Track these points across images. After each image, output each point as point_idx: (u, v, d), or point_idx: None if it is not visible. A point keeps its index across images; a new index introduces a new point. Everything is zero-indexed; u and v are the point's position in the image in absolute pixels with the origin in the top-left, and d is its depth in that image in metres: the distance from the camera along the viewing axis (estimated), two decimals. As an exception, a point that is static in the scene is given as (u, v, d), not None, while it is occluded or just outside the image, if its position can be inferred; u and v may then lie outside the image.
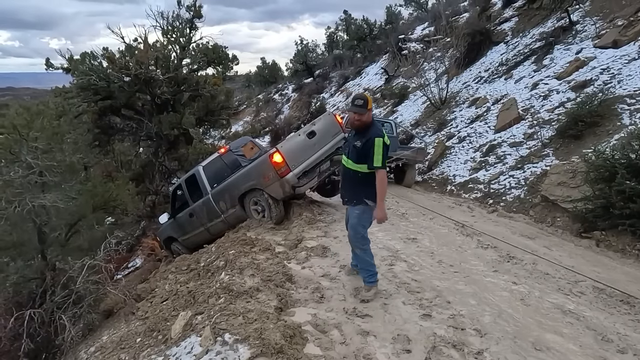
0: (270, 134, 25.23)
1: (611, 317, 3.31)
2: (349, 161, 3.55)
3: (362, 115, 3.41)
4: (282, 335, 2.76)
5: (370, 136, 3.41)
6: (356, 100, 3.43)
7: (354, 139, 3.53)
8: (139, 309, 5.28)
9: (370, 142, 3.38)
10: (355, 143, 3.47)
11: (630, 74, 8.39)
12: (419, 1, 29.91)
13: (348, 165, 3.57)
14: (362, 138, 3.43)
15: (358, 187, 3.54)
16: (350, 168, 3.54)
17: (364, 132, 3.46)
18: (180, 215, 7.82)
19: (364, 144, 3.41)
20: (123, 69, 9.88)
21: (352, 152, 3.51)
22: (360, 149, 3.43)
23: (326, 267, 4.39)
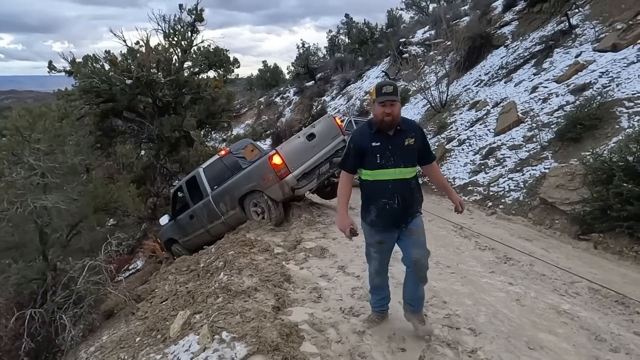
0: (272, 137, 25.31)
1: (605, 317, 3.33)
2: (406, 169, 2.72)
3: (395, 105, 2.64)
4: (279, 333, 2.80)
5: (414, 126, 2.82)
6: (385, 87, 2.63)
7: (398, 139, 2.70)
8: (138, 309, 5.33)
9: (420, 132, 2.78)
10: (407, 142, 2.69)
11: (629, 77, 8.42)
12: (420, 5, 30.04)
13: (404, 175, 2.72)
14: (409, 133, 2.72)
15: (416, 196, 2.84)
16: (407, 178, 2.74)
17: (404, 126, 2.74)
18: (181, 217, 7.87)
19: (417, 139, 2.74)
20: (125, 71, 9.96)
21: (406, 155, 2.71)
22: (413, 146, 2.72)
23: (324, 267, 4.43)
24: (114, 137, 11.33)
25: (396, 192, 2.71)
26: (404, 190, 2.73)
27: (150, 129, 10.63)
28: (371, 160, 2.70)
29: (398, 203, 2.72)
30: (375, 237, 2.91)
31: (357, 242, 5.25)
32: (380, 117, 2.65)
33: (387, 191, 2.72)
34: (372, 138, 2.71)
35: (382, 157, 2.68)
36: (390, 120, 2.64)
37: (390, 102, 2.61)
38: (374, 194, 2.78)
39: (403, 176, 2.71)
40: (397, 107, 2.65)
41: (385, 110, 2.62)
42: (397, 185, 2.71)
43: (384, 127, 2.67)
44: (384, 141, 2.69)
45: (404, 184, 2.73)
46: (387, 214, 2.75)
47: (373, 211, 2.81)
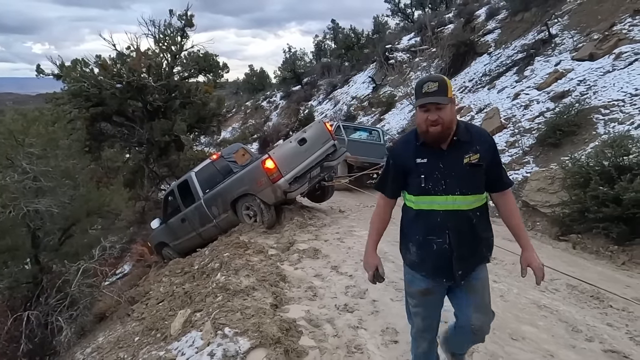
0: (259, 141, 25.42)
1: (582, 310, 3.58)
2: (464, 198, 1.95)
3: (444, 109, 1.88)
4: (279, 328, 2.96)
5: (480, 136, 2.00)
6: (426, 85, 1.89)
7: (453, 155, 1.95)
8: (134, 310, 5.42)
9: (489, 144, 1.99)
10: (466, 159, 1.93)
11: (605, 85, 8.83)
12: (406, 12, 30.56)
13: (461, 205, 1.96)
14: (471, 146, 1.95)
15: (482, 236, 2.03)
16: (466, 210, 1.96)
17: (464, 136, 1.96)
18: (172, 220, 7.95)
19: (484, 154, 1.95)
20: (116, 76, 10.01)
21: (466, 177, 1.94)
22: (478, 165, 1.94)
23: (318, 268, 4.60)
24: (103, 141, 11.34)
25: (448, 227, 1.95)
26: (460, 226, 1.95)
27: (140, 133, 10.67)
28: (414, 182, 1.98)
29: (450, 244, 1.96)
30: (418, 284, 2.12)
31: (349, 244, 5.46)
32: (424, 127, 1.90)
33: (434, 226, 1.97)
34: (418, 152, 1.98)
35: (428, 179, 1.95)
36: (438, 132, 1.88)
37: (435, 105, 1.86)
38: (416, 227, 2.04)
39: (459, 207, 1.93)
40: (446, 111, 1.87)
41: (430, 118, 1.86)
42: (450, 218, 1.94)
43: (430, 141, 1.93)
44: (433, 157, 1.95)
45: (462, 218, 1.95)
46: (434, 257, 2.00)
47: (413, 250, 2.07)
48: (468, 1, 22.74)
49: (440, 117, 1.87)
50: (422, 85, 1.90)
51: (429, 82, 1.88)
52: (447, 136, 1.93)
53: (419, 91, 1.91)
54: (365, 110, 21.39)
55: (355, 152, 10.01)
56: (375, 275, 2.17)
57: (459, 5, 24.00)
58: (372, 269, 2.17)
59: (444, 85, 1.88)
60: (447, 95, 1.88)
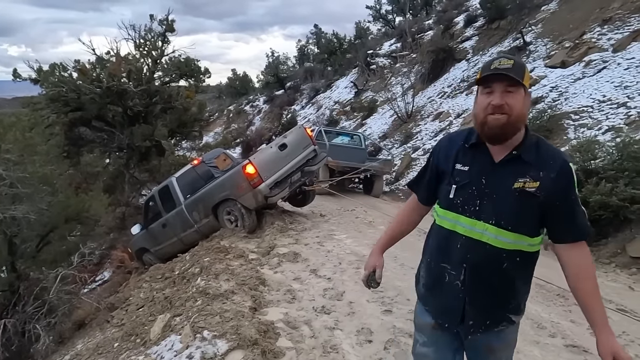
0: (242, 145, 25.38)
1: (548, 308, 3.76)
2: (498, 232, 1.45)
3: (516, 95, 1.39)
4: (257, 330, 3.03)
5: (548, 159, 1.43)
6: (498, 61, 1.40)
7: (504, 172, 1.45)
8: (113, 317, 5.40)
9: (562, 173, 1.41)
10: (518, 184, 1.42)
11: (576, 92, 9.18)
12: (387, 18, 31.03)
13: (491, 239, 1.47)
14: (530, 168, 1.43)
15: (507, 288, 1.52)
16: (498, 248, 1.46)
17: (527, 154, 1.44)
18: (153, 226, 7.94)
19: (546, 185, 1.41)
20: (95, 81, 9.93)
21: (509, 206, 1.43)
22: (532, 196, 1.41)
23: (297, 271, 4.69)
24: (82, 146, 11.21)
25: (466, 261, 1.49)
26: (484, 265, 1.46)
27: (120, 138, 10.59)
28: (444, 190, 1.56)
29: (464, 283, 1.50)
30: (426, 317, 1.67)
31: (328, 247, 5.56)
32: (482, 115, 1.40)
33: (451, 252, 1.52)
34: (461, 156, 1.53)
35: (460, 192, 1.50)
36: (501, 124, 1.37)
37: (505, 84, 1.37)
38: (432, 246, 1.64)
39: (488, 240, 1.45)
40: (518, 98, 1.37)
41: (493, 102, 1.37)
42: (472, 250, 1.47)
43: (485, 136, 1.43)
44: (477, 167, 1.48)
45: (489, 257, 1.45)
46: (444, 291, 1.56)
47: (422, 273, 1.70)
48: (447, 8, 23.23)
49: (507, 104, 1.35)
50: (491, 62, 1.41)
51: (501, 59, 1.40)
52: (510, 135, 1.40)
53: (486, 68, 1.40)
54: (348, 115, 21.60)
55: (336, 157, 10.15)
56: (370, 278, 1.80)
57: (439, 12, 24.49)
58: (369, 270, 1.80)
59: (520, 67, 1.38)
60: (521, 78, 1.37)
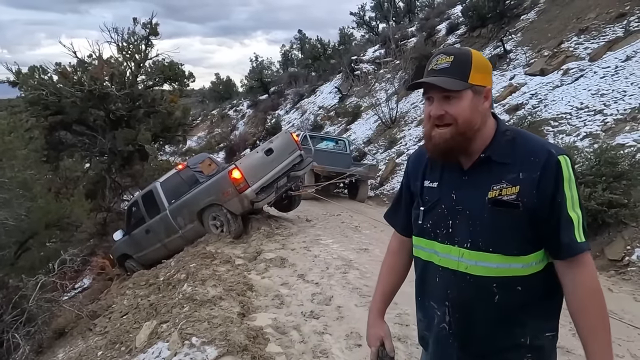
0: (225, 150, 25.23)
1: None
2: (477, 256, 1.15)
3: (454, 99, 1.15)
4: (246, 336, 3.02)
5: (540, 156, 1.12)
6: (436, 59, 1.19)
7: (475, 181, 1.18)
8: (96, 325, 5.29)
9: (546, 169, 1.11)
10: (492, 193, 1.14)
11: (554, 99, 9.44)
12: (370, 24, 31.36)
13: (470, 268, 1.16)
14: (508, 170, 1.14)
15: (510, 326, 1.16)
16: (475, 276, 1.15)
17: (500, 154, 1.17)
18: (136, 231, 7.83)
19: (528, 188, 1.11)
20: (76, 84, 9.76)
21: (486, 223, 1.14)
22: (512, 206, 1.11)
23: (285, 276, 4.68)
24: (62, 151, 10.98)
25: (448, 298, 1.21)
26: (469, 302, 1.17)
27: (102, 142, 10.41)
28: (414, 214, 1.32)
29: (450, 324, 1.21)
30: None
31: (315, 252, 5.57)
32: (428, 128, 1.21)
33: (433, 287, 1.26)
34: (429, 169, 1.30)
35: (429, 214, 1.25)
36: (445, 139, 1.17)
37: (444, 91, 1.15)
38: (417, 281, 1.34)
39: (467, 269, 1.16)
40: (461, 104, 1.15)
41: (432, 113, 1.18)
42: (452, 284, 1.19)
43: (433, 154, 1.24)
44: (446, 181, 1.24)
45: (473, 290, 1.16)
46: (435, 337, 1.28)
47: (419, 316, 1.40)
48: (429, 16, 23.63)
49: (448, 114, 1.13)
50: (430, 61, 1.20)
51: (440, 56, 1.17)
52: (463, 148, 1.16)
53: (426, 67, 1.21)
54: (332, 120, 21.71)
55: (321, 162, 10.18)
56: (381, 355, 1.37)
57: (421, 19, 24.88)
58: (375, 344, 1.39)
59: (462, 63, 1.14)
60: (464, 78, 1.12)
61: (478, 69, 1.17)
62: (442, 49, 1.23)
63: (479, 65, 1.17)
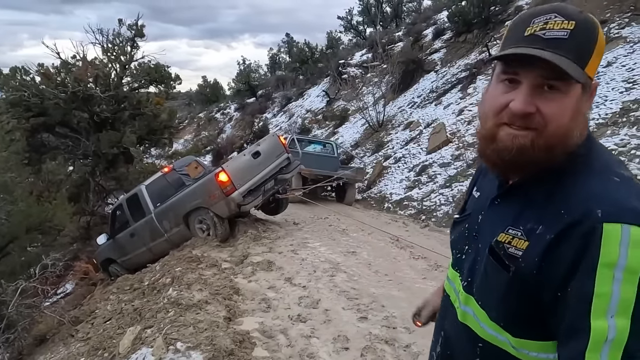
0: (212, 153, 25.04)
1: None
2: (471, 301, 0.86)
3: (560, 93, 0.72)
4: (232, 340, 2.98)
5: (580, 201, 0.70)
6: (541, 19, 0.72)
7: (500, 211, 0.83)
8: (78, 331, 5.19)
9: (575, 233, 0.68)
10: (501, 237, 0.78)
11: (538, 103, 9.60)
12: (358, 29, 31.54)
13: (463, 314, 0.89)
14: (534, 214, 0.76)
15: None
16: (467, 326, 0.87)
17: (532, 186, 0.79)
18: (121, 235, 7.72)
19: (537, 246, 0.72)
20: (60, 85, 9.59)
21: (483, 266, 0.82)
22: (502, 258, 0.77)
23: (272, 280, 4.65)
24: (44, 153, 10.76)
25: (443, 327, 0.99)
26: (454, 340, 0.94)
27: (86, 144, 10.23)
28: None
29: (438, 356, 1.00)
30: None
31: (302, 255, 5.55)
32: (492, 122, 0.79)
33: (440, 309, 1.06)
34: (483, 174, 1.00)
35: (455, 229, 1.01)
36: (520, 147, 0.75)
37: (545, 78, 0.73)
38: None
39: (458, 308, 0.91)
40: (566, 102, 0.73)
41: (513, 107, 0.74)
42: (447, 312, 0.98)
43: (488, 160, 0.82)
44: (485, 193, 0.93)
45: (459, 332, 0.91)
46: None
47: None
48: (416, 21, 23.86)
49: (540, 113, 0.74)
50: (531, 16, 0.77)
51: (551, 16, 0.74)
52: (534, 164, 0.77)
53: (517, 30, 0.78)
54: (320, 124, 21.72)
55: (309, 165, 10.17)
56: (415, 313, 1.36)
57: (408, 24, 25.11)
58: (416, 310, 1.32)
59: (586, 37, 0.75)
60: (582, 64, 0.74)
61: (599, 51, 0.76)
62: (553, 5, 0.75)
63: (602, 45, 0.77)
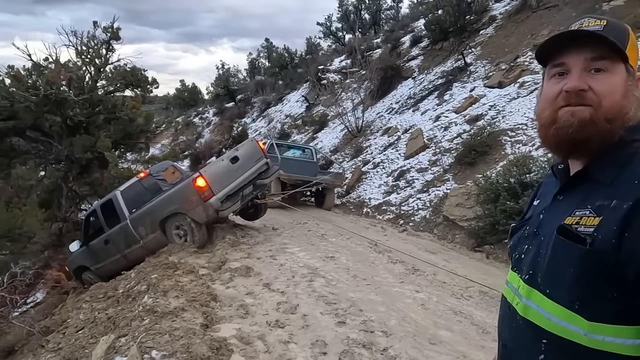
0: (190, 158, 24.73)
1: (491, 314, 3.97)
2: (536, 295, 0.84)
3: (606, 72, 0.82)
4: (209, 347, 2.95)
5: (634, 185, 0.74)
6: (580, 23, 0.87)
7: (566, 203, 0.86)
8: (49, 341, 5.01)
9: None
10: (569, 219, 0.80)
11: (512, 110, 9.85)
12: (337, 35, 31.78)
13: (526, 310, 0.86)
14: (600, 195, 0.78)
15: None
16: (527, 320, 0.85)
17: (596, 170, 0.83)
18: (94, 242, 7.55)
19: (613, 221, 0.73)
20: (31, 88, 9.32)
21: (548, 254, 0.83)
22: (576, 238, 0.77)
23: (250, 286, 4.62)
24: (14, 158, 10.41)
25: (501, 333, 0.98)
26: (514, 347, 0.90)
27: (58, 149, 9.95)
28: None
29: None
30: None
31: (281, 260, 5.53)
32: (550, 111, 0.86)
33: (500, 324, 1.00)
34: (543, 185, 1.04)
35: (514, 235, 1.05)
36: (580, 122, 0.81)
37: (591, 60, 0.83)
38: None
39: (517, 307, 0.89)
40: (614, 79, 0.82)
41: (567, 86, 0.83)
42: (505, 319, 0.96)
43: (552, 144, 0.88)
44: (545, 197, 0.97)
45: (518, 335, 0.88)
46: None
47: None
48: (394, 29, 24.22)
49: (593, 90, 0.81)
50: (572, 24, 0.88)
51: (586, 19, 0.86)
52: (594, 141, 0.81)
53: (557, 35, 0.86)
54: (299, 129, 21.75)
55: (288, 170, 10.16)
56: None
57: (386, 31, 25.46)
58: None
59: (618, 29, 0.84)
60: (622, 45, 0.82)
61: (634, 45, 0.85)
62: (587, 15, 0.88)
63: (634, 42, 0.86)
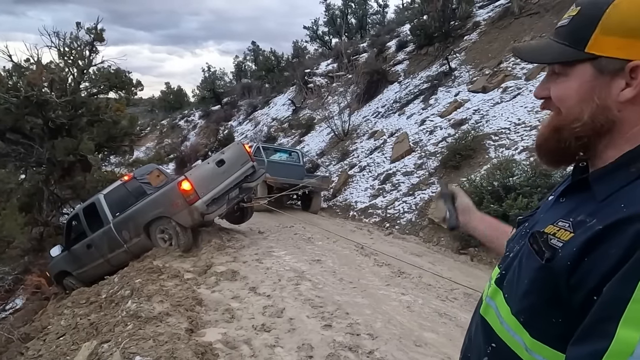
0: (176, 161, 24.49)
1: (475, 315, 4.02)
2: (498, 296, 0.80)
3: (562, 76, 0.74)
4: (194, 352, 2.92)
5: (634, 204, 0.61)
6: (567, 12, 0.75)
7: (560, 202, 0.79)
8: (28, 348, 4.90)
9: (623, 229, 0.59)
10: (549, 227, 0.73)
11: (495, 115, 10.01)
12: (323, 39, 31.92)
13: (486, 310, 0.83)
14: (588, 209, 0.68)
15: None
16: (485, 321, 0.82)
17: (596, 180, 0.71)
18: (77, 247, 7.41)
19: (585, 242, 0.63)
20: (11, 89, 9.13)
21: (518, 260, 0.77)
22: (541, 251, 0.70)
23: (236, 289, 4.58)
24: (-8, 161, 10.19)
25: (470, 329, 0.93)
26: (470, 342, 0.90)
27: (39, 152, 9.76)
28: None
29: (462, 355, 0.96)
30: None
31: (267, 264, 5.51)
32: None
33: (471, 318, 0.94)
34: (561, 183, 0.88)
35: (514, 234, 0.93)
36: (541, 134, 0.79)
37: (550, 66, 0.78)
38: None
39: (483, 302, 0.87)
40: (566, 85, 0.74)
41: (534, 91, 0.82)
42: (475, 313, 0.91)
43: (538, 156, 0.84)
44: (551, 200, 0.85)
45: (476, 331, 0.87)
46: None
47: None
48: (380, 33, 24.43)
49: (554, 96, 0.77)
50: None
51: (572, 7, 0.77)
52: (568, 150, 0.76)
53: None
54: (286, 132, 21.73)
55: (274, 173, 10.15)
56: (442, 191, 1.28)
57: (373, 36, 25.65)
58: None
59: (586, 19, 0.72)
60: (578, 44, 0.72)
61: (613, 29, 0.68)
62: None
63: (620, 22, 0.68)
